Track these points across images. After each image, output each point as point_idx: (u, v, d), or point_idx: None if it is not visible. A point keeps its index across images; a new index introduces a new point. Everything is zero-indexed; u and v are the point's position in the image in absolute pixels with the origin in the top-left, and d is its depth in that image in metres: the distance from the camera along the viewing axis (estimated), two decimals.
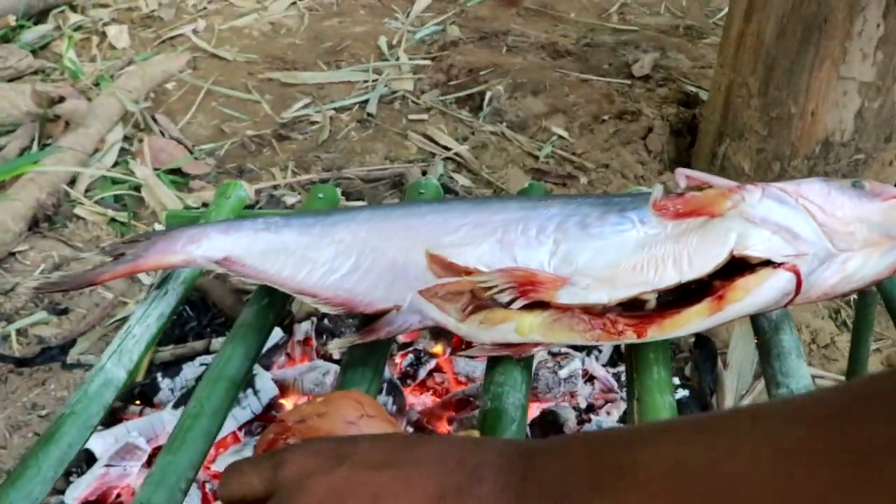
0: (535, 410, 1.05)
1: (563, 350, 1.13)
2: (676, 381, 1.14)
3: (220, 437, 1.01)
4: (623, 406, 1.10)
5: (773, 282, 0.74)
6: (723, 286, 0.74)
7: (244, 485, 0.49)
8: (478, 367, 1.10)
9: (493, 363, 0.75)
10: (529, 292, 0.73)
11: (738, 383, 1.16)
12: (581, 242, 0.76)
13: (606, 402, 1.12)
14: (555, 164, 1.71)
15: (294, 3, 2.29)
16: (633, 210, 0.77)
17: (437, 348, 1.13)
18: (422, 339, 1.13)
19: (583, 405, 1.08)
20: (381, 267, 0.78)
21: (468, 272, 0.75)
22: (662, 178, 1.68)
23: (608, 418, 1.09)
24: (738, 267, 0.75)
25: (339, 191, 1.01)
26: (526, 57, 2.08)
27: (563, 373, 1.11)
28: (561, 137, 1.79)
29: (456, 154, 1.69)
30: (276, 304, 0.83)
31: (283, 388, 1.04)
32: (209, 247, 0.81)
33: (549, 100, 1.91)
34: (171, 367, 1.16)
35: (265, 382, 1.03)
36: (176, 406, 1.03)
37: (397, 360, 1.11)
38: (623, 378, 1.16)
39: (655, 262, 0.74)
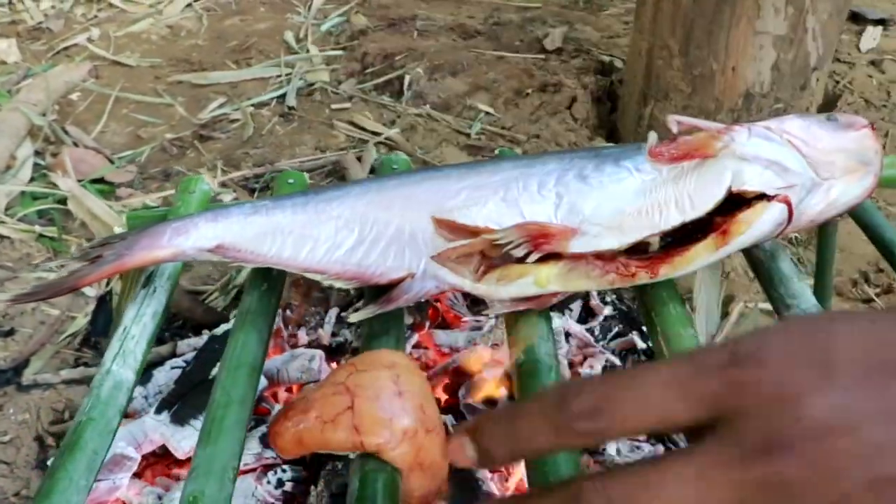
0: None
1: None
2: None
3: None
4: (604, 358, 1.12)
5: (770, 213, 0.77)
6: (724, 222, 0.76)
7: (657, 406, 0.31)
8: (459, 337, 1.10)
9: (514, 320, 0.75)
10: (543, 244, 0.73)
11: (706, 325, 1.20)
12: (583, 194, 0.76)
13: (585, 357, 1.13)
14: (487, 140, 1.72)
15: (189, 5, 2.23)
16: (627, 159, 0.79)
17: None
18: None
19: (564, 363, 1.09)
20: (387, 237, 0.77)
21: (478, 232, 0.74)
22: (593, 142, 1.72)
23: (592, 371, 1.10)
24: (734, 203, 0.77)
25: (306, 175, 0.99)
26: (438, 39, 2.08)
27: None
28: (488, 113, 1.80)
29: (387, 138, 1.68)
30: (275, 288, 0.81)
31: (269, 379, 1.02)
32: (198, 237, 0.79)
33: (468, 79, 1.92)
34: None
35: None
36: (158, 411, 0.99)
37: None
38: (597, 332, 1.18)
39: (658, 205, 0.76)
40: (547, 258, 0.73)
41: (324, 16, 2.21)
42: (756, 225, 0.76)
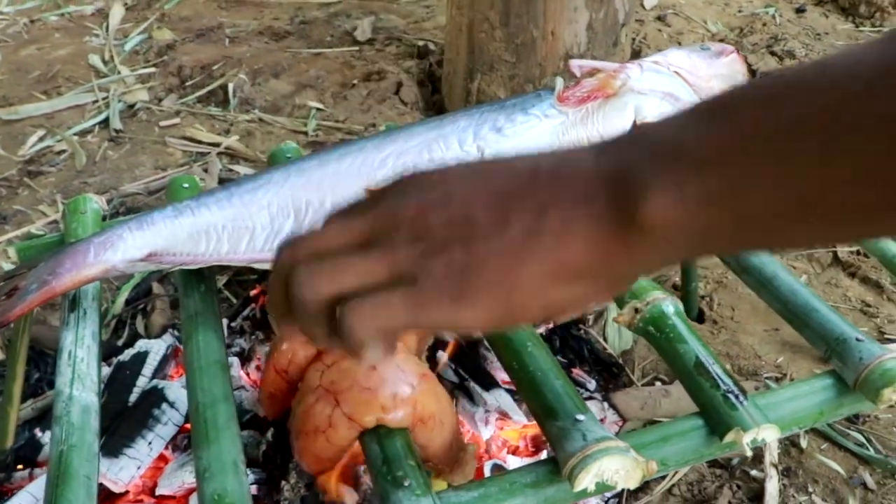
0: None
1: None
2: None
3: (152, 457, 0.95)
4: None
5: None
6: None
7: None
8: None
9: None
10: None
11: None
12: (501, 144, 0.80)
13: None
14: (325, 135, 1.72)
15: None
16: (533, 107, 0.83)
17: None
18: None
19: None
20: (326, 215, 0.77)
21: None
22: None
23: None
24: None
25: (197, 178, 0.97)
26: (250, 45, 2.06)
27: None
28: (319, 109, 1.80)
29: (227, 147, 1.65)
30: (213, 287, 0.80)
31: None
32: (127, 248, 0.76)
33: (291, 78, 1.91)
34: (42, 422, 1.06)
35: (176, 391, 0.97)
36: None
37: None
38: None
39: (574, 145, 0.81)
40: None
41: (124, 35, 2.12)
42: None
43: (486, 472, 0.89)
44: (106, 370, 1.08)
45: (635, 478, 0.58)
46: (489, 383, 0.95)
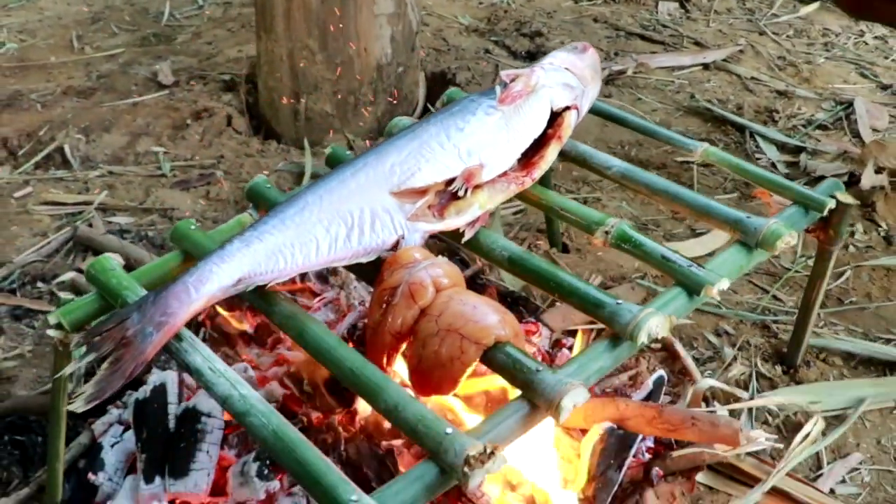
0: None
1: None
2: None
3: (214, 461, 1.12)
4: None
5: (573, 117, 1.16)
6: (555, 130, 1.14)
7: None
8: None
9: (470, 242, 1.05)
10: (472, 180, 1.04)
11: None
12: (468, 139, 1.08)
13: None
14: (182, 173, 1.87)
15: None
16: (477, 109, 1.12)
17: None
18: None
19: None
20: (368, 219, 1.01)
21: (427, 189, 1.03)
22: (266, 144, 1.96)
23: None
24: (552, 117, 1.15)
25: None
26: (64, 106, 2.13)
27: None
28: (166, 152, 1.94)
29: (100, 203, 1.76)
30: (284, 296, 1.00)
31: None
32: (219, 279, 0.95)
33: (122, 130, 2.02)
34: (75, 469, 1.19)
35: (209, 404, 1.13)
36: (148, 479, 1.09)
37: None
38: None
39: (517, 131, 1.11)
40: (475, 188, 1.05)
41: None
42: (571, 126, 1.15)
43: None
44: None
45: (666, 328, 0.89)
46: None
